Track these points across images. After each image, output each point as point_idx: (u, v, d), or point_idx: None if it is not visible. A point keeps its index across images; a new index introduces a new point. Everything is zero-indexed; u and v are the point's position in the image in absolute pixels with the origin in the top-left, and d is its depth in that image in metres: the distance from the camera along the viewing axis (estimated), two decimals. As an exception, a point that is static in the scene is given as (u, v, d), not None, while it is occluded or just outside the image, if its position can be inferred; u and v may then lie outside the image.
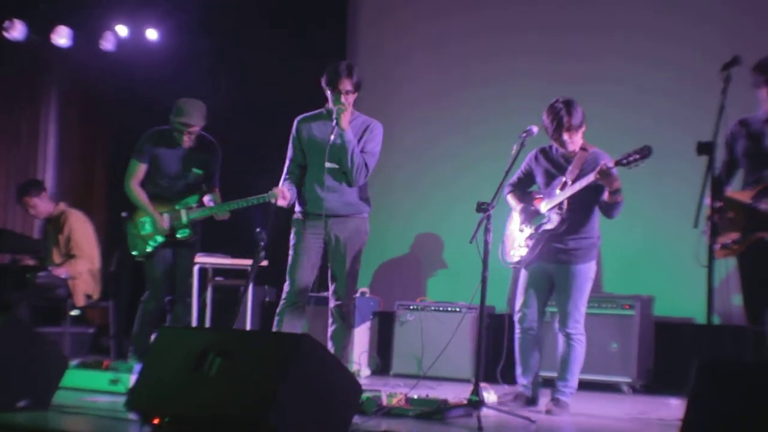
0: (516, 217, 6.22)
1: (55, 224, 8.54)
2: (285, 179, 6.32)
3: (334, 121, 6.10)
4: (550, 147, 6.09)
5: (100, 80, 10.52)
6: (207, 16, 9.84)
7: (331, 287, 6.29)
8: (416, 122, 9.11)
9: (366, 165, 6.20)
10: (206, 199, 7.04)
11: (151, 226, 7.07)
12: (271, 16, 9.62)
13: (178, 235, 7.05)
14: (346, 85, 6.13)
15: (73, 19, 9.78)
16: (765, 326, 5.50)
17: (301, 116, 6.39)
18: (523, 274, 6.15)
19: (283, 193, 6.14)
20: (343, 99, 6.13)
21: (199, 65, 9.78)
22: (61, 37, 9.70)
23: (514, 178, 6.26)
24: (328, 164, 6.17)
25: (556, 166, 6.04)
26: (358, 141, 6.21)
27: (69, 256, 8.38)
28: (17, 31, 9.46)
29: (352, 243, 6.26)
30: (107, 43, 9.90)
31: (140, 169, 7.13)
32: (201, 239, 7.30)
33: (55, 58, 10.30)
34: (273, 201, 6.15)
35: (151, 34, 9.99)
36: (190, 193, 7.10)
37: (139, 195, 7.11)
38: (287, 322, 6.17)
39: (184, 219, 7.02)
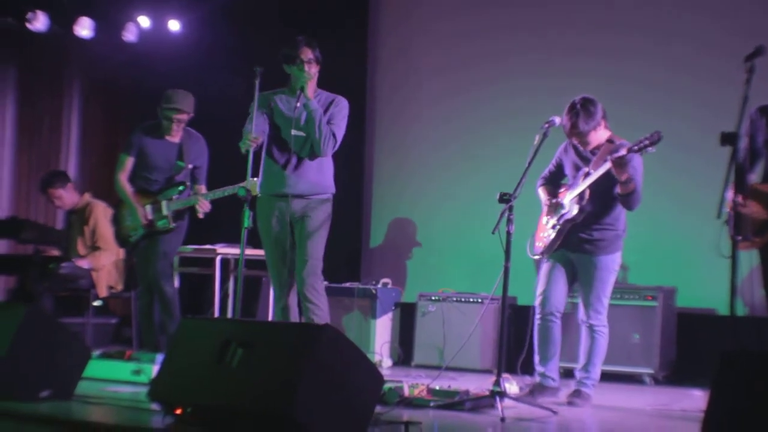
0: (545, 210, 6.22)
1: (80, 215, 8.54)
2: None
3: (300, 90, 6.09)
4: (580, 140, 6.09)
5: (122, 71, 10.53)
6: (229, 8, 9.83)
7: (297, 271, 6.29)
8: (439, 118, 9.11)
9: (334, 135, 6.20)
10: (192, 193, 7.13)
11: (132, 218, 7.15)
12: (293, 17, 9.57)
13: (158, 226, 7.09)
14: (308, 53, 6.15)
15: (96, 10, 9.78)
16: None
17: (265, 92, 6.25)
18: (546, 262, 6.14)
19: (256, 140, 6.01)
20: (306, 68, 6.13)
21: (220, 57, 9.78)
22: (84, 29, 9.71)
23: (545, 171, 6.29)
24: (294, 132, 6.20)
25: (583, 159, 6.03)
26: (324, 113, 6.21)
27: (94, 248, 8.40)
28: (40, 22, 9.49)
29: (314, 224, 6.25)
30: (129, 35, 9.89)
31: (128, 163, 7.20)
32: (188, 229, 7.26)
33: (77, 50, 10.33)
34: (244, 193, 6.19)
35: (173, 26, 9.98)
36: (173, 185, 7.14)
37: (124, 188, 7.19)
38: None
39: (165, 210, 7.06)
